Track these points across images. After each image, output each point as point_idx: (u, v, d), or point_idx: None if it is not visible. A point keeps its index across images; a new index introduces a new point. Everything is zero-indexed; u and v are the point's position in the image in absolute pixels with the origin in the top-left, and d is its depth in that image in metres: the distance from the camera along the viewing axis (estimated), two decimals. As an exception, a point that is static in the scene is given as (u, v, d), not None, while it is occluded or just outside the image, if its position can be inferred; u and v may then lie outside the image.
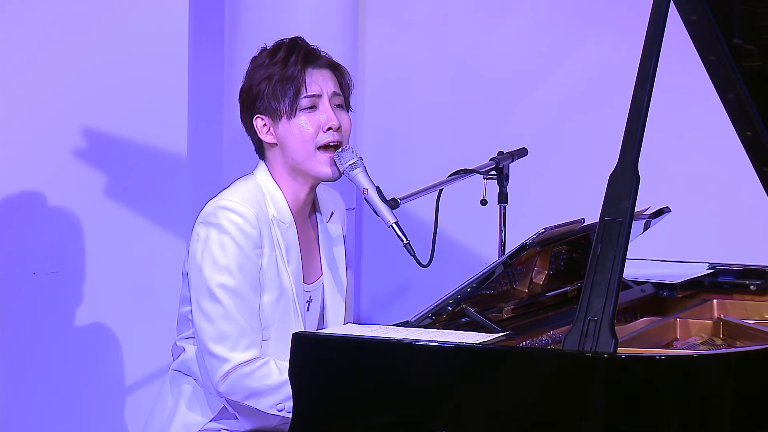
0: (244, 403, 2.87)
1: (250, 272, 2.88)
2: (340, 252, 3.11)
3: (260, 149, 3.02)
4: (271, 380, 2.84)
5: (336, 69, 3.01)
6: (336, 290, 3.08)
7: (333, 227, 3.12)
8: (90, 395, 4.49)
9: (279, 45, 2.99)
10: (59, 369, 4.40)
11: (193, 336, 3.00)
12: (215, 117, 4.50)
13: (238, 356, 2.84)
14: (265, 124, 2.96)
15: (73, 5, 4.36)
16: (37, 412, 4.37)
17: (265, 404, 2.84)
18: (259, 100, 2.95)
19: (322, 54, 3.00)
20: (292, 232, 2.97)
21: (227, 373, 2.84)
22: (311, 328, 3.03)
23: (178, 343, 3.05)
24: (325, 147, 2.96)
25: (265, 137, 2.97)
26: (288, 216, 2.97)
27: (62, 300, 4.39)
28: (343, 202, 3.20)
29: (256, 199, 2.92)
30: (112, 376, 4.52)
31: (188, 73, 4.62)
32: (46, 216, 4.33)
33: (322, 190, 3.10)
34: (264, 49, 3.02)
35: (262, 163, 3.02)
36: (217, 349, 2.85)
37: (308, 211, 3.06)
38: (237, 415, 2.95)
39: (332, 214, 3.12)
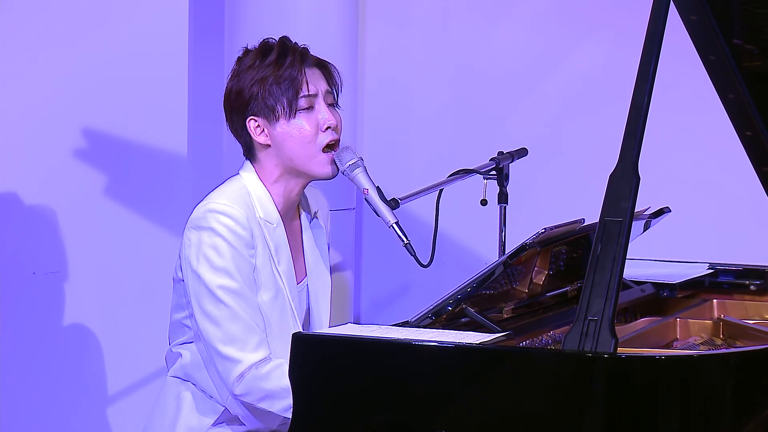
0: (259, 405, 2.85)
1: (246, 272, 2.87)
2: (324, 252, 3.10)
3: (250, 151, 2.99)
4: (286, 382, 2.75)
5: (324, 67, 2.99)
6: (321, 292, 3.07)
7: (317, 228, 3.10)
8: (91, 395, 4.49)
9: (268, 46, 2.97)
10: (59, 369, 4.40)
11: (189, 341, 2.99)
12: (215, 117, 4.47)
13: (250, 357, 2.83)
14: (258, 125, 2.94)
15: (73, 5, 4.36)
16: (37, 412, 4.37)
17: (279, 407, 2.81)
18: (253, 101, 2.92)
19: (310, 53, 2.99)
20: (280, 231, 2.95)
21: (242, 375, 2.83)
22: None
23: (174, 350, 3.03)
24: (327, 147, 2.95)
25: (259, 138, 2.95)
26: (275, 216, 2.95)
27: (62, 300, 4.39)
28: (326, 201, 3.18)
29: (244, 200, 2.91)
30: (113, 376, 4.52)
31: (188, 73, 4.62)
32: (46, 216, 4.33)
33: (305, 190, 3.07)
34: (248, 50, 2.99)
35: (248, 165, 3.00)
36: (228, 350, 2.84)
37: (294, 212, 3.05)
38: (240, 418, 2.94)
39: (316, 213, 3.12)
